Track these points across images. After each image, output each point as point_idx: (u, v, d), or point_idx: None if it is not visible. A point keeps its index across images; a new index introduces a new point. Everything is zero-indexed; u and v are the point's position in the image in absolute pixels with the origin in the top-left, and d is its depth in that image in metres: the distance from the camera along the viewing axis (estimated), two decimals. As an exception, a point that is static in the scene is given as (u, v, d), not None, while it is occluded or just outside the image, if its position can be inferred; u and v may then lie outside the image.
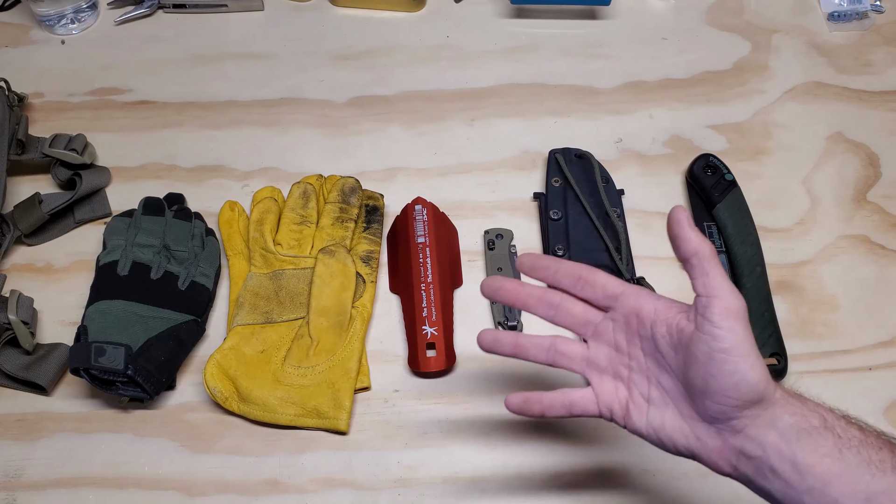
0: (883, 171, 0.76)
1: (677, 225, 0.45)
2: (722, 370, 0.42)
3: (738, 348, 0.42)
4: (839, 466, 0.41)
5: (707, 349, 0.43)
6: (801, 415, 0.42)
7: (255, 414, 0.61)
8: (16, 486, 0.60)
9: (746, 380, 0.42)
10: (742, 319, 0.43)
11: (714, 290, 0.43)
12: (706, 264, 0.44)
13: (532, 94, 0.80)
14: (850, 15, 0.85)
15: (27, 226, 0.69)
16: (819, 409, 0.43)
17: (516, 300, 0.52)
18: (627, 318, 0.48)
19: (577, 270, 0.50)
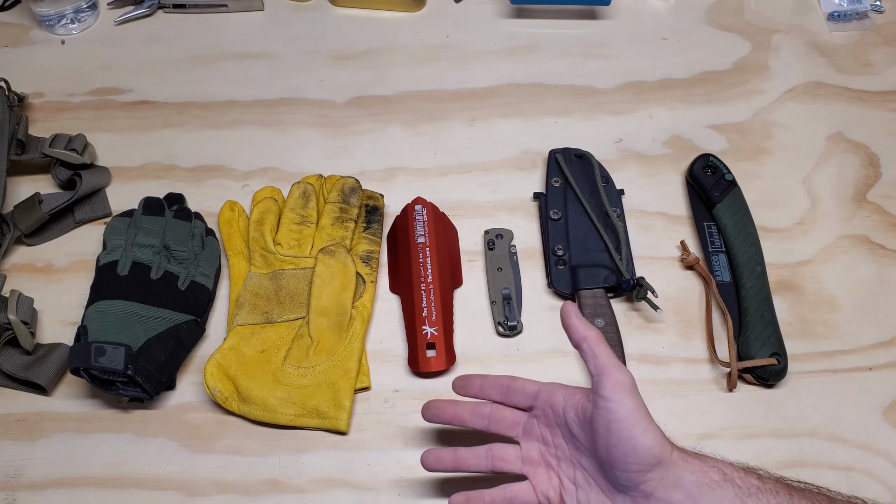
0: (883, 171, 0.76)
1: (566, 317, 0.50)
2: (620, 438, 0.47)
3: (628, 417, 0.47)
4: None
5: (604, 421, 0.48)
6: (701, 472, 0.47)
7: (255, 414, 0.61)
8: (16, 486, 0.60)
9: (641, 444, 0.46)
10: (630, 391, 0.48)
11: (602, 368, 0.48)
12: (594, 347, 0.49)
13: (532, 94, 0.80)
14: (850, 15, 0.85)
15: (27, 226, 0.69)
16: (718, 465, 0.48)
17: (453, 418, 0.57)
18: (545, 412, 0.54)
19: (501, 381, 0.56)
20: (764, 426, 0.62)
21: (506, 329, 0.66)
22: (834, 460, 0.61)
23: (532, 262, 0.70)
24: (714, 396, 0.64)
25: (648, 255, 0.70)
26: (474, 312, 0.67)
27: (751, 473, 0.48)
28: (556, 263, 0.68)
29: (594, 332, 0.50)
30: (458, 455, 0.55)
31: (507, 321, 0.66)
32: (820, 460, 0.60)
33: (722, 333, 0.65)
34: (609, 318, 0.65)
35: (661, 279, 0.67)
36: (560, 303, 0.68)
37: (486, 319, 0.67)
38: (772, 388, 0.64)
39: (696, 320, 0.67)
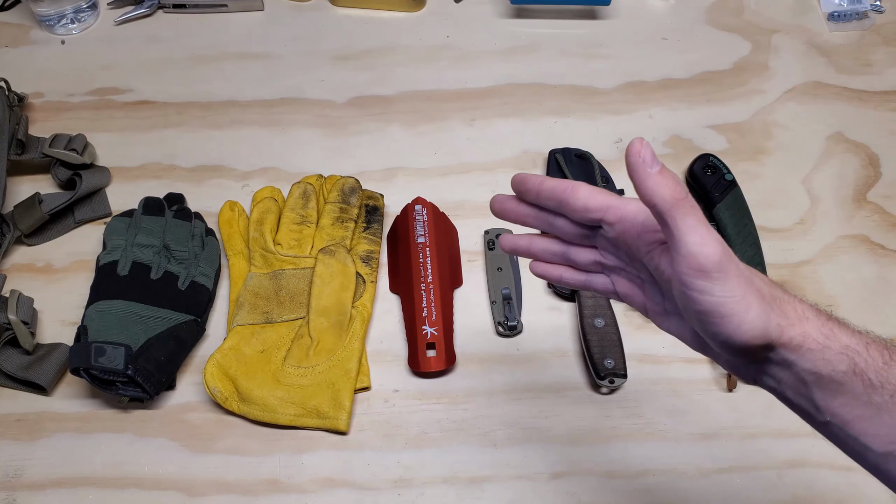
0: (883, 171, 0.76)
1: (632, 169, 0.38)
2: (707, 330, 0.38)
3: (717, 309, 0.37)
4: (865, 410, 0.37)
5: (688, 307, 0.38)
6: (823, 360, 0.37)
7: (255, 414, 0.61)
8: (16, 486, 0.60)
9: (733, 339, 0.37)
10: (719, 276, 0.36)
11: (678, 245, 0.37)
12: (666, 212, 0.37)
13: (532, 94, 0.80)
14: (850, 15, 0.85)
15: (27, 226, 0.69)
16: (849, 351, 0.37)
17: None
18: (618, 242, 0.43)
19: (557, 191, 0.44)
20: (764, 426, 0.62)
21: (506, 329, 0.66)
22: (834, 460, 0.60)
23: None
24: (714, 396, 0.64)
25: (648, 255, 0.70)
26: (474, 312, 0.67)
27: (893, 365, 0.37)
28: (556, 263, 0.68)
29: (670, 191, 0.37)
30: (532, 246, 0.47)
31: (507, 321, 0.66)
32: (820, 460, 0.60)
33: (722, 333, 0.65)
34: (609, 318, 0.65)
35: (661, 279, 0.67)
36: (562, 303, 0.68)
37: (486, 319, 0.67)
38: (772, 388, 0.64)
39: (696, 320, 0.67)
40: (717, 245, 0.37)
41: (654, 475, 0.60)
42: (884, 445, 0.37)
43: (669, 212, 0.37)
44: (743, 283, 0.37)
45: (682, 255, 0.37)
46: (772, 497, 0.59)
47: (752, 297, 0.37)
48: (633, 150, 0.37)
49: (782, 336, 0.38)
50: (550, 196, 0.44)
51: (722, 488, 0.59)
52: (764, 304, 0.37)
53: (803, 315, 0.39)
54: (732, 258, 0.38)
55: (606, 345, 0.63)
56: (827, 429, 0.39)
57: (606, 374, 0.62)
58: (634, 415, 0.63)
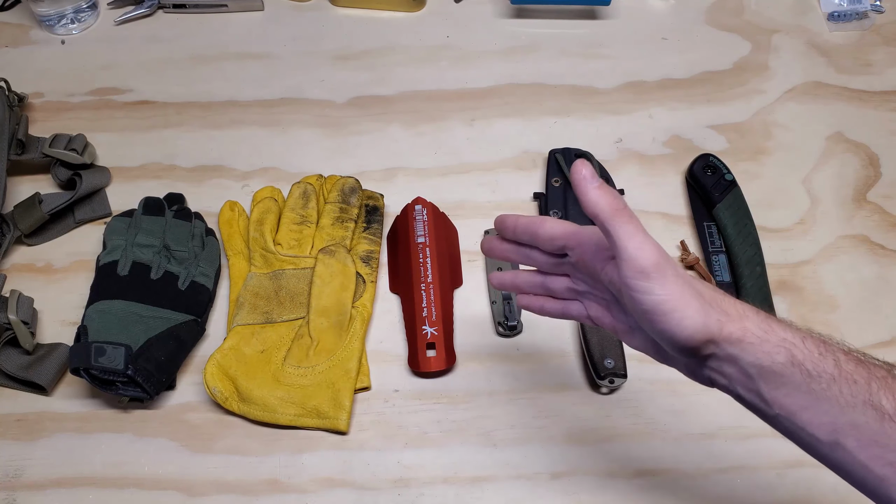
0: (883, 171, 0.76)
1: (578, 185, 0.42)
2: (653, 327, 0.42)
3: (657, 308, 0.41)
4: (806, 399, 0.40)
5: (634, 308, 0.42)
6: (763, 352, 0.41)
7: (255, 414, 0.61)
8: (16, 486, 0.60)
9: (676, 336, 0.41)
10: (657, 276, 0.40)
11: (619, 252, 0.41)
12: (606, 222, 0.41)
13: (532, 94, 0.80)
14: (850, 15, 0.85)
15: (27, 226, 0.69)
16: (786, 343, 0.41)
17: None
18: (579, 265, 0.48)
19: (531, 226, 0.49)
20: (764, 426, 0.61)
21: (506, 329, 0.66)
22: (834, 460, 0.60)
23: (532, 262, 0.70)
24: (714, 396, 0.63)
25: (648, 255, 0.70)
26: (474, 312, 0.67)
27: (828, 356, 0.40)
28: (556, 263, 0.68)
29: (608, 202, 0.41)
30: (517, 280, 0.53)
31: (507, 321, 0.66)
32: (820, 460, 0.60)
33: (722, 333, 0.65)
34: (609, 318, 0.65)
35: (661, 279, 0.67)
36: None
37: (486, 319, 0.67)
38: (772, 388, 0.64)
39: (696, 320, 0.67)
40: (654, 249, 0.41)
41: (654, 475, 0.60)
42: (828, 434, 0.39)
43: (610, 221, 0.41)
44: (681, 283, 0.41)
45: (624, 260, 0.41)
46: (772, 497, 0.59)
47: (690, 296, 0.41)
48: (576, 171, 0.42)
49: (722, 331, 0.41)
50: (524, 231, 0.50)
51: (722, 488, 0.59)
52: (703, 302, 0.41)
53: (743, 313, 0.42)
54: (669, 261, 0.42)
55: (606, 345, 0.63)
56: (778, 422, 0.42)
57: (606, 374, 0.62)
58: (634, 415, 0.63)
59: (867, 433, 0.38)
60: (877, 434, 0.38)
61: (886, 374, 0.40)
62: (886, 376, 0.40)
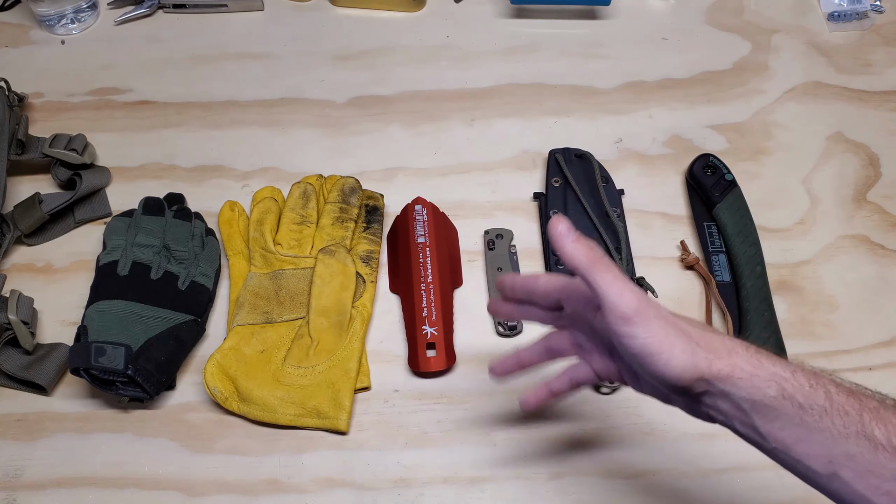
0: (883, 171, 0.76)
1: (556, 241, 0.44)
2: (643, 369, 0.43)
3: (643, 351, 0.42)
4: (800, 432, 0.41)
5: (623, 352, 0.43)
6: (753, 387, 0.41)
7: (255, 414, 0.61)
8: (16, 486, 0.60)
9: (666, 376, 0.42)
10: (639, 320, 0.42)
11: (602, 300, 0.42)
12: (586, 273, 0.43)
13: (532, 94, 0.80)
14: (850, 15, 0.85)
15: (27, 226, 0.69)
16: (776, 378, 0.41)
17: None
18: (575, 317, 0.50)
19: (526, 283, 0.52)
20: (764, 426, 0.62)
21: (506, 329, 0.66)
22: (834, 460, 0.60)
23: (532, 262, 0.70)
24: (714, 396, 0.64)
25: (648, 255, 0.70)
26: (474, 312, 0.67)
27: (819, 389, 0.41)
28: (556, 263, 0.68)
29: (586, 254, 0.43)
30: (519, 356, 0.54)
31: (507, 321, 0.66)
32: (820, 460, 0.60)
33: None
34: (609, 318, 0.65)
35: (661, 279, 0.67)
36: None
37: (486, 319, 0.67)
38: (772, 388, 0.64)
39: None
40: (634, 294, 0.42)
41: (654, 475, 0.60)
42: (824, 466, 0.40)
43: (588, 272, 0.43)
44: (664, 324, 0.42)
45: (606, 308, 0.42)
46: (772, 497, 0.59)
47: (675, 336, 0.42)
48: (552, 226, 0.44)
49: (711, 368, 0.42)
50: (521, 289, 0.52)
51: (722, 488, 0.59)
52: (689, 341, 0.42)
53: (732, 349, 0.43)
54: (651, 304, 0.43)
55: (606, 345, 0.63)
56: (777, 456, 0.42)
57: (606, 374, 0.62)
58: (634, 415, 0.63)
59: (862, 463, 0.39)
60: (871, 464, 0.39)
61: (878, 404, 0.40)
62: (878, 407, 0.40)
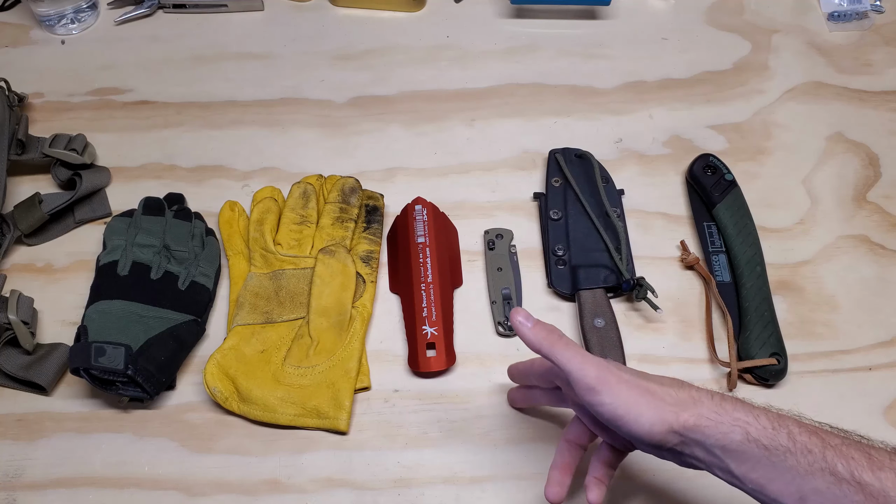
0: (883, 171, 0.76)
1: (517, 329, 0.49)
2: (617, 431, 0.46)
3: (612, 414, 0.45)
4: (770, 472, 0.43)
5: (597, 417, 0.47)
6: (720, 433, 0.44)
7: (255, 414, 0.61)
8: (16, 486, 0.60)
9: (640, 434, 0.45)
10: (602, 387, 0.45)
11: (568, 374, 0.47)
12: (548, 353, 0.47)
13: (532, 94, 0.80)
14: (850, 15, 0.85)
15: (27, 226, 0.69)
16: (739, 423, 0.44)
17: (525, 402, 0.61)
18: (568, 396, 0.53)
19: (525, 370, 0.58)
20: (764, 426, 0.62)
21: (506, 329, 0.66)
22: (834, 460, 0.60)
23: (532, 262, 0.70)
24: (714, 396, 0.64)
25: (648, 255, 0.70)
26: (474, 312, 0.67)
27: (781, 430, 0.44)
28: (556, 263, 0.68)
29: (545, 336, 0.48)
30: (555, 465, 0.55)
31: (508, 321, 0.66)
32: (820, 460, 0.60)
33: (722, 333, 0.65)
34: (609, 318, 0.65)
35: (661, 279, 0.67)
36: (562, 302, 0.68)
37: (486, 319, 0.67)
38: (772, 388, 0.64)
39: (696, 320, 0.67)
40: (594, 364, 0.46)
41: (654, 475, 0.60)
42: (796, 502, 0.42)
43: (550, 351, 0.47)
44: (627, 387, 0.46)
45: (573, 382, 0.46)
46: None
47: (639, 395, 0.46)
48: (512, 318, 0.49)
49: (679, 420, 0.45)
50: (522, 375, 0.58)
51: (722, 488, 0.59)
52: (654, 398, 0.46)
53: (697, 399, 0.46)
54: (611, 370, 0.47)
55: (606, 345, 0.63)
56: (756, 496, 0.45)
57: (606, 374, 0.62)
58: (634, 415, 0.62)
59: (829, 498, 0.41)
60: (838, 498, 0.41)
61: (841, 441, 0.43)
62: (840, 444, 0.43)
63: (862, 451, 0.42)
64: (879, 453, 0.42)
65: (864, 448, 0.43)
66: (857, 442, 0.44)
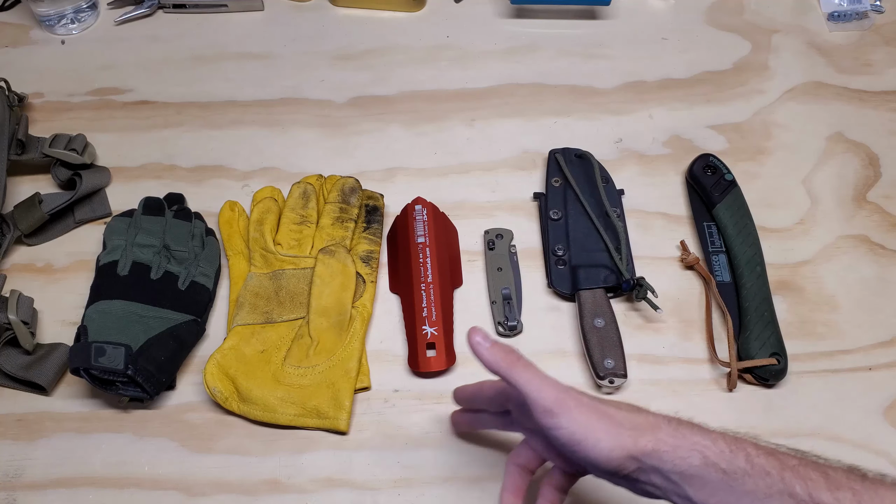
0: (883, 171, 0.76)
1: (474, 349, 0.48)
2: (573, 457, 0.46)
3: (569, 439, 0.45)
4: (728, 497, 0.43)
5: (555, 444, 0.46)
6: (678, 458, 0.44)
7: (255, 414, 0.61)
8: (16, 486, 0.60)
9: (597, 459, 0.44)
10: (561, 411, 0.45)
11: (525, 396, 0.46)
12: (506, 374, 0.46)
13: (532, 94, 0.80)
14: (850, 15, 0.85)
15: (27, 226, 0.69)
16: (698, 447, 0.44)
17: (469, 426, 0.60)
18: (520, 420, 0.53)
19: (473, 394, 0.57)
20: (764, 426, 0.62)
21: (506, 329, 0.66)
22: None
23: (532, 262, 0.70)
24: (714, 396, 0.64)
25: (648, 255, 0.70)
26: (474, 312, 0.67)
27: (739, 453, 0.44)
28: (556, 263, 0.68)
29: (503, 357, 0.47)
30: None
31: (507, 321, 0.66)
32: (820, 460, 0.60)
33: (722, 333, 0.65)
34: (609, 318, 0.65)
35: (661, 279, 0.67)
36: (562, 302, 0.68)
37: (486, 319, 0.67)
38: (772, 388, 0.64)
39: (696, 320, 0.67)
40: (552, 387, 0.46)
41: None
42: None
43: (508, 373, 0.46)
44: (585, 411, 0.45)
45: (530, 404, 0.45)
46: (772, 497, 0.59)
47: (597, 420, 0.45)
48: (471, 337, 0.48)
49: (637, 445, 0.44)
50: (469, 399, 0.57)
51: None
52: (612, 423, 0.45)
53: (655, 424, 0.45)
54: (570, 393, 0.46)
55: (606, 345, 0.63)
56: None
57: (606, 374, 0.62)
58: (634, 415, 0.62)
59: None
60: None
61: (798, 462, 0.43)
62: (798, 465, 0.43)
63: (819, 471, 0.43)
64: (836, 472, 0.43)
65: (822, 468, 0.43)
66: (814, 462, 0.44)
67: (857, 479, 0.42)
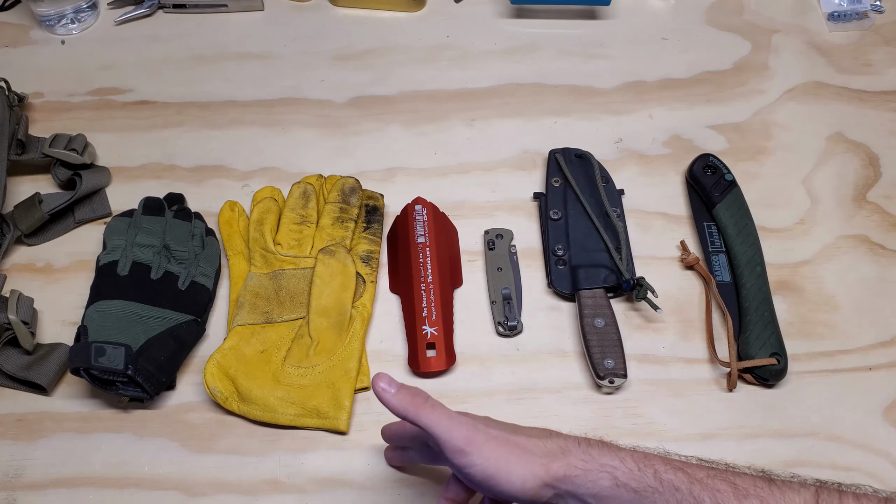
0: (883, 171, 0.76)
1: (380, 396, 0.47)
2: (492, 493, 0.46)
3: (486, 473, 0.45)
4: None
5: (469, 483, 0.46)
6: (590, 481, 0.45)
7: (255, 414, 0.61)
8: (16, 486, 0.60)
9: (512, 491, 0.44)
10: (472, 448, 0.45)
11: (435, 438, 0.46)
12: (414, 419, 0.46)
13: (532, 94, 0.80)
14: (850, 15, 0.85)
15: (27, 226, 0.69)
16: (606, 468, 0.45)
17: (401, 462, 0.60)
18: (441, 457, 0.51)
19: (397, 432, 0.57)
20: (764, 426, 0.62)
21: (506, 329, 0.66)
22: (834, 460, 0.61)
23: (532, 262, 0.70)
24: (714, 396, 0.64)
25: (648, 255, 0.70)
26: (474, 312, 0.67)
27: (647, 470, 0.45)
28: (556, 263, 0.68)
29: (409, 401, 0.47)
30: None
31: (507, 321, 0.66)
32: (820, 460, 0.60)
33: (722, 333, 0.65)
34: (609, 318, 0.65)
35: (661, 279, 0.67)
36: (562, 302, 0.68)
37: (486, 319, 0.67)
38: (772, 388, 0.64)
39: (696, 320, 0.67)
40: (461, 424, 0.46)
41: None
42: None
43: (416, 416, 0.46)
44: (496, 445, 0.45)
45: (441, 445, 0.45)
46: (772, 497, 0.59)
47: (509, 453, 0.45)
48: (375, 384, 0.47)
49: (549, 472, 0.45)
50: (394, 436, 0.57)
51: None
52: (523, 453, 0.45)
53: (566, 449, 0.46)
54: (479, 428, 0.46)
55: (606, 345, 0.63)
56: None
57: (606, 374, 0.62)
58: (634, 415, 0.63)
59: None
60: None
61: (706, 474, 0.44)
62: (706, 477, 0.44)
63: (727, 481, 0.44)
64: (744, 481, 0.44)
65: (730, 478, 0.44)
66: (722, 472, 0.45)
67: (764, 485, 0.44)
